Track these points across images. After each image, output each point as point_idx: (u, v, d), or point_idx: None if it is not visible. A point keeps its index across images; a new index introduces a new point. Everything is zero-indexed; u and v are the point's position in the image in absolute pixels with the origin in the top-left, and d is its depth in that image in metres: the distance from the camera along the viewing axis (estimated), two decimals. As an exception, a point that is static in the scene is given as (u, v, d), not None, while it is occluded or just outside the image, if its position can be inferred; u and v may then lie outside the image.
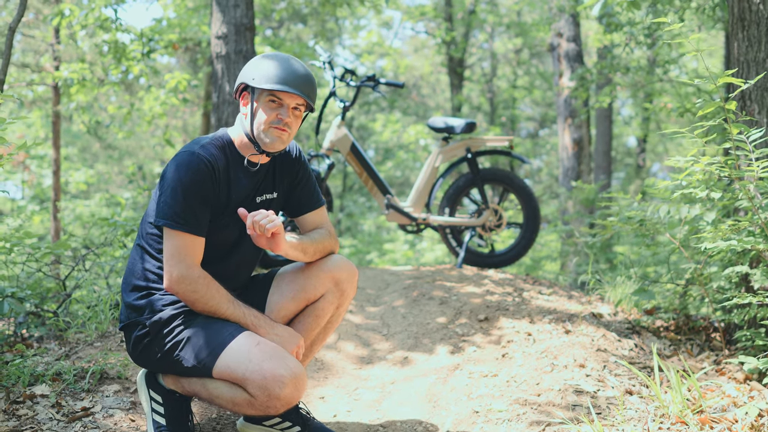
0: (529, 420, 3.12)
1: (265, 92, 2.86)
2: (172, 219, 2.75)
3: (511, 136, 7.08)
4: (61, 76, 9.81)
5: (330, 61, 5.56)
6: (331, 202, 5.55)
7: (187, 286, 2.76)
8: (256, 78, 2.85)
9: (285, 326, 2.92)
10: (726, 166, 3.49)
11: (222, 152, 2.89)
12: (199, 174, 2.77)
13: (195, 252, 2.79)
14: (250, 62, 2.92)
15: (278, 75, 2.83)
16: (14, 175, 18.39)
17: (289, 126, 2.88)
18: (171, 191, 2.76)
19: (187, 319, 2.82)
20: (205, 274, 2.79)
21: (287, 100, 2.86)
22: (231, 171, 2.91)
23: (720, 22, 8.12)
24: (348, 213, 19.78)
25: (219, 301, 2.80)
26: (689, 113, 7.22)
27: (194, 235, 2.78)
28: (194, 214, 2.77)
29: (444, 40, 17.43)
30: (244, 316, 2.83)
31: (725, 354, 4.03)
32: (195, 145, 2.85)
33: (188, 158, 2.79)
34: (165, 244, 2.79)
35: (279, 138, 2.87)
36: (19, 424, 2.91)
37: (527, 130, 24.13)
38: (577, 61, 10.94)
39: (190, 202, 2.76)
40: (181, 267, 2.75)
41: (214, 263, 2.93)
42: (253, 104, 2.89)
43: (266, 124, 2.86)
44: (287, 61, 2.88)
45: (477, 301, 4.63)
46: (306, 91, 2.86)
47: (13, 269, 4.86)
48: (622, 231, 4.56)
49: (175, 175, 2.77)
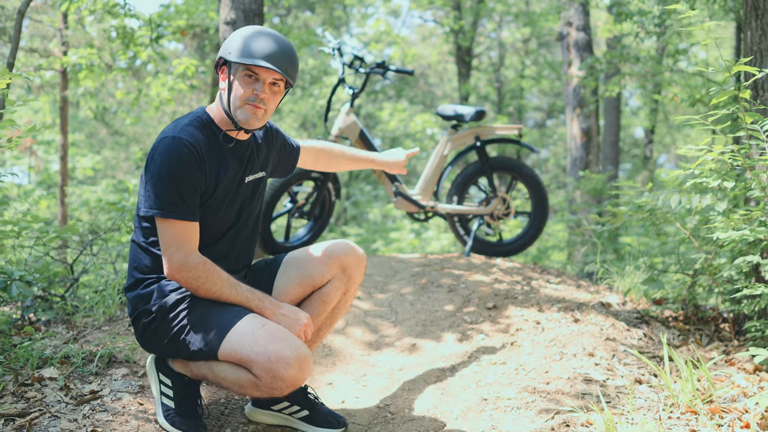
0: (538, 408, 3.11)
1: (241, 66, 2.78)
2: (162, 208, 2.70)
3: (520, 125, 7.04)
4: (70, 61, 9.81)
5: (339, 47, 5.53)
6: (338, 189, 5.53)
7: (187, 273, 2.74)
8: (233, 52, 2.77)
9: (290, 305, 2.88)
10: (739, 155, 3.47)
11: (202, 132, 2.81)
12: (183, 158, 2.70)
13: (191, 238, 2.76)
14: (229, 36, 2.84)
15: (255, 49, 2.74)
16: (21, 160, 18.43)
17: (264, 102, 2.80)
18: (157, 180, 2.70)
19: (192, 303, 2.81)
20: (204, 259, 2.77)
21: (263, 75, 2.78)
22: (214, 150, 2.84)
23: (731, 12, 8.07)
24: (354, 201, 19.76)
25: (221, 286, 2.78)
26: (700, 103, 7.17)
27: (187, 221, 2.74)
28: (183, 200, 2.72)
29: (452, 29, 17.37)
30: (248, 300, 2.81)
31: (734, 345, 4.01)
32: (174, 128, 2.77)
33: (169, 144, 2.71)
34: (160, 233, 2.75)
35: (254, 115, 2.80)
36: (27, 406, 2.91)
37: (535, 120, 24.08)
38: (586, 50, 10.89)
39: (177, 188, 2.70)
40: (180, 255, 2.73)
41: (213, 246, 2.91)
42: (230, 78, 2.81)
43: (241, 100, 2.78)
44: (266, 35, 2.79)
45: (485, 289, 4.62)
46: (283, 66, 2.77)
47: (21, 253, 4.85)
48: (632, 221, 4.54)
49: (159, 163, 2.71)
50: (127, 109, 12.85)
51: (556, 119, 23.50)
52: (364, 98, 20.16)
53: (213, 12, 10.41)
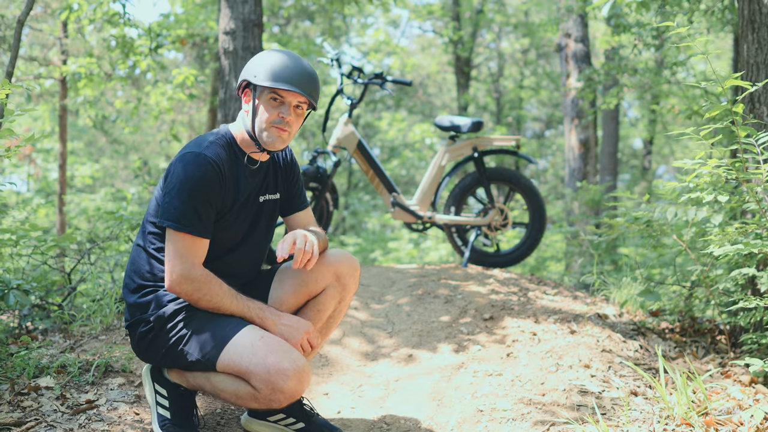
0: (533, 419, 3.12)
1: (266, 90, 2.83)
2: (176, 221, 2.73)
3: (518, 135, 7.07)
4: (69, 70, 9.83)
5: (338, 58, 5.56)
6: (336, 199, 5.55)
7: (188, 285, 2.75)
8: (258, 75, 2.82)
9: (291, 315, 2.90)
10: (734, 169, 3.48)
11: (225, 151, 2.87)
12: (206, 176, 2.75)
13: (198, 253, 2.78)
14: (253, 59, 2.90)
15: (280, 73, 2.80)
16: (20, 169, 18.44)
17: (290, 125, 2.86)
18: (177, 192, 2.74)
19: (190, 313, 2.81)
20: (206, 272, 2.78)
21: (289, 98, 2.83)
22: (235, 169, 2.90)
23: (729, 25, 8.10)
24: (352, 211, 19.77)
25: (222, 298, 2.79)
26: (697, 115, 7.20)
27: (199, 237, 2.77)
28: (199, 217, 2.75)
29: (451, 39, 17.43)
30: (249, 309, 2.82)
31: (731, 357, 4.02)
32: (200, 144, 2.82)
33: (194, 159, 2.76)
34: (167, 244, 2.77)
35: (279, 137, 2.86)
36: (23, 416, 2.91)
37: (533, 130, 24.11)
38: (584, 61, 10.93)
39: (195, 205, 2.74)
40: (183, 267, 2.74)
41: (221, 259, 2.93)
42: (255, 102, 2.87)
43: (267, 123, 2.84)
44: (290, 59, 2.85)
45: (482, 300, 4.62)
46: (308, 89, 2.84)
47: (19, 261, 4.86)
48: (629, 232, 4.55)
49: (182, 176, 2.75)
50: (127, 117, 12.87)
51: (554, 130, 23.53)
52: (363, 108, 20.19)
53: (213, 21, 10.45)
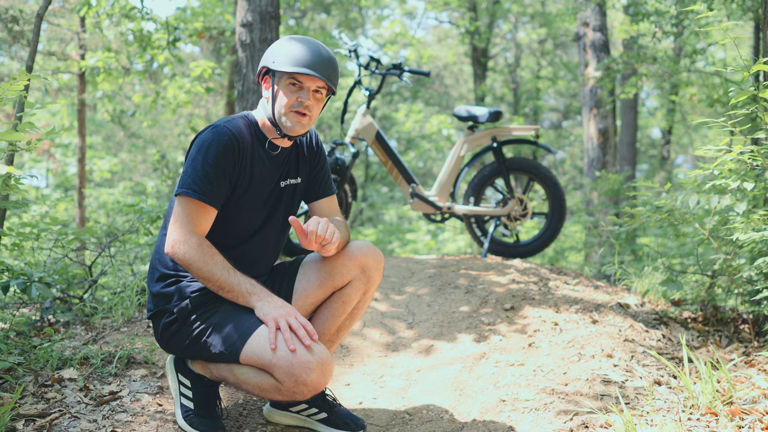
0: (556, 409, 3.10)
1: (285, 75, 2.83)
2: (187, 186, 2.73)
3: (537, 126, 7.02)
4: (87, 64, 9.87)
5: (355, 49, 5.54)
6: (355, 191, 5.54)
7: (183, 248, 2.72)
8: (277, 61, 2.83)
9: (279, 298, 2.81)
10: (758, 155, 3.44)
11: (248, 130, 2.88)
12: (223, 144, 2.76)
13: (200, 220, 2.76)
14: (272, 45, 2.90)
15: (298, 57, 2.80)
16: (39, 163, 18.56)
17: (309, 109, 2.85)
18: (192, 161, 2.77)
19: (215, 305, 2.81)
20: (204, 240, 2.76)
21: (307, 82, 2.83)
22: (255, 149, 2.90)
23: (749, 12, 8.01)
24: (370, 203, 19.78)
25: (213, 266, 2.73)
26: (718, 103, 7.13)
27: (205, 204, 2.75)
28: (210, 184, 2.74)
29: (468, 30, 17.35)
30: (239, 284, 2.75)
31: (754, 346, 3.98)
32: (223, 120, 2.86)
33: (214, 130, 2.79)
34: (174, 209, 2.77)
35: (299, 122, 2.85)
36: (47, 407, 2.93)
37: (551, 121, 24.00)
38: (603, 51, 10.85)
39: (208, 171, 2.74)
40: (183, 231, 2.73)
41: (238, 246, 2.92)
42: (274, 87, 2.87)
43: (287, 107, 2.84)
44: (308, 44, 2.85)
45: (502, 290, 4.60)
46: (326, 73, 2.83)
47: (40, 255, 4.89)
48: (650, 222, 4.51)
49: (199, 144, 2.78)
50: (145, 111, 12.92)
51: (572, 120, 23.42)
52: (380, 100, 20.17)
53: (229, 14, 10.45)
